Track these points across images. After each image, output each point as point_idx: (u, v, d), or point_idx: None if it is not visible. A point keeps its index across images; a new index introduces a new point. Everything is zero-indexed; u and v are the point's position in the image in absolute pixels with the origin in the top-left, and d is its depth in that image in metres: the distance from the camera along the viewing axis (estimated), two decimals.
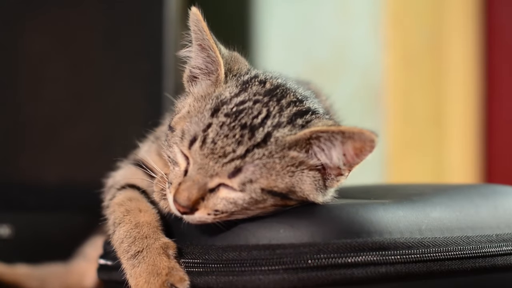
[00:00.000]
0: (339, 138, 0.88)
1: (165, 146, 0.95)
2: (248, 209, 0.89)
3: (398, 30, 2.31)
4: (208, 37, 0.94)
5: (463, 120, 2.42)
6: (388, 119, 2.30)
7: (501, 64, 2.47)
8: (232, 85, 0.94)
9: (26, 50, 1.64)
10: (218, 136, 0.88)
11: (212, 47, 0.94)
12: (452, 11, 2.38)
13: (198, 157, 0.88)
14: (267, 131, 0.89)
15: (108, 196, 1.04)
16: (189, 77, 0.98)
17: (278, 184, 0.88)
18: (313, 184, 0.90)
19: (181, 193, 0.88)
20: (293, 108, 0.92)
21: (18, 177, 1.63)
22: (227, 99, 0.91)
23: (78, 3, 1.68)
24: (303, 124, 0.91)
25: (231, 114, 0.89)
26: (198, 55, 0.97)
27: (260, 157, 0.87)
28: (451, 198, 1.01)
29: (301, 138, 0.89)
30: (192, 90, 0.97)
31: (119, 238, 0.95)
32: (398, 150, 2.31)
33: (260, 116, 0.89)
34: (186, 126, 0.91)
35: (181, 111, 0.95)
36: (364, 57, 2.32)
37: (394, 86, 2.31)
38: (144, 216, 0.96)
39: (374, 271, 0.88)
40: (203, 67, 0.97)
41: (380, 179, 2.27)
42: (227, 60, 0.96)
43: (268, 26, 2.34)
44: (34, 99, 1.65)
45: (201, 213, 0.89)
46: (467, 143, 2.42)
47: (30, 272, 1.39)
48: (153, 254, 0.91)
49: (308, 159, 0.90)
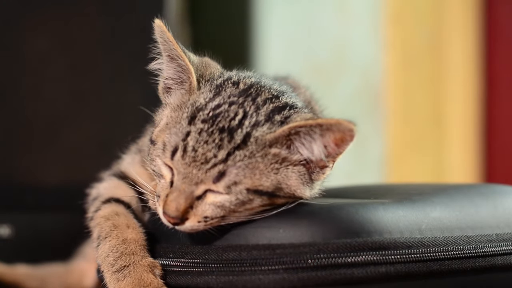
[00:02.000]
0: (317, 131, 0.88)
1: (148, 161, 0.95)
2: (236, 211, 0.89)
3: (398, 30, 2.31)
4: (175, 47, 0.94)
5: (463, 120, 2.42)
6: (388, 119, 2.30)
7: (501, 64, 2.47)
8: (206, 90, 0.94)
9: (26, 50, 1.64)
10: (198, 143, 0.88)
11: (180, 56, 0.94)
12: (452, 11, 2.38)
13: (181, 166, 0.88)
14: (246, 132, 0.89)
15: (93, 208, 1.03)
16: (164, 89, 0.98)
17: (263, 182, 0.88)
18: (299, 179, 0.91)
19: (169, 204, 0.88)
20: (270, 105, 0.92)
21: (18, 177, 1.64)
22: (202, 105, 0.91)
23: (78, 3, 1.68)
24: (281, 120, 0.90)
25: (208, 120, 0.89)
26: (169, 66, 0.97)
27: (242, 159, 0.87)
28: (451, 197, 1.01)
29: (281, 135, 0.89)
30: (168, 101, 0.97)
31: (104, 252, 0.94)
32: (398, 150, 2.31)
33: (237, 118, 0.89)
34: (166, 137, 0.91)
35: (160, 123, 0.95)
36: (364, 57, 2.32)
37: (394, 86, 2.31)
38: (132, 233, 0.96)
39: (374, 270, 0.88)
40: (175, 77, 0.97)
41: (380, 179, 2.27)
42: (197, 67, 0.96)
43: (268, 26, 2.34)
44: (34, 99, 1.65)
45: (191, 222, 0.89)
46: (467, 143, 2.42)
47: (30, 272, 1.39)
48: (140, 270, 0.91)
49: (291, 155, 0.90)
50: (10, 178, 1.63)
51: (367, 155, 2.30)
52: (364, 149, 2.30)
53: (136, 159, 1.05)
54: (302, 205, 0.92)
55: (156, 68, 0.98)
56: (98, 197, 1.04)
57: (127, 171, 1.05)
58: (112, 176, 1.07)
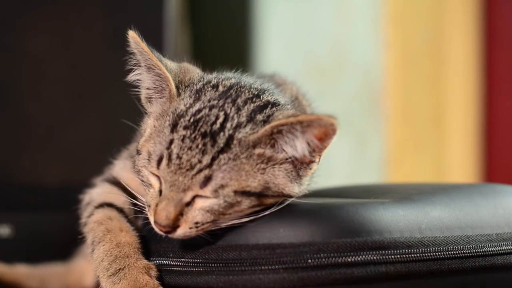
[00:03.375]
0: (299, 128, 0.88)
1: (136, 172, 0.95)
2: (225, 214, 0.89)
3: (398, 30, 2.31)
4: (151, 57, 0.94)
5: (463, 120, 2.42)
6: (388, 119, 2.30)
7: (501, 63, 2.47)
8: (186, 96, 0.94)
9: (26, 50, 1.64)
10: (182, 150, 0.88)
11: (157, 65, 0.94)
12: (452, 11, 2.38)
13: (168, 175, 0.88)
14: (229, 134, 0.88)
15: (86, 213, 1.03)
16: (146, 99, 0.98)
17: (250, 183, 0.88)
18: (287, 177, 0.91)
19: (159, 213, 0.88)
20: (251, 105, 0.92)
21: (18, 177, 1.64)
22: (183, 111, 0.91)
23: (78, 3, 1.68)
24: (264, 120, 0.90)
25: (189, 126, 0.89)
26: (147, 76, 0.96)
27: (227, 162, 0.87)
28: (451, 197, 1.01)
29: (264, 134, 0.89)
30: (151, 110, 0.97)
31: (98, 256, 0.95)
32: (398, 150, 2.31)
33: (218, 121, 0.89)
34: (151, 147, 0.91)
35: (145, 133, 0.95)
36: (364, 57, 2.31)
37: (394, 86, 2.31)
38: (126, 236, 0.96)
39: (374, 270, 0.88)
40: (154, 86, 0.96)
41: (380, 178, 2.26)
42: (176, 74, 0.96)
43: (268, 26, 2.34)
44: (34, 99, 1.65)
45: (183, 229, 0.89)
46: (467, 143, 2.42)
47: (30, 272, 1.39)
48: (135, 272, 0.91)
49: (276, 153, 0.90)
50: (10, 178, 1.63)
51: (367, 155, 2.30)
52: (364, 149, 2.30)
53: (127, 164, 1.05)
54: (302, 205, 0.92)
55: (135, 79, 0.98)
56: (91, 202, 1.04)
57: (119, 176, 1.05)
58: (104, 182, 1.07)
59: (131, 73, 0.97)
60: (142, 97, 0.99)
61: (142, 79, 0.97)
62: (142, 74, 0.97)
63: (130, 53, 0.96)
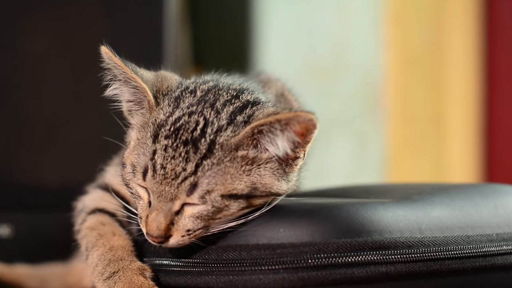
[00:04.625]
0: (278, 127, 0.88)
1: (124, 185, 0.95)
2: (215, 218, 0.89)
3: (398, 30, 2.31)
4: (125, 70, 0.93)
5: (463, 119, 2.42)
6: (388, 119, 2.30)
7: (502, 63, 2.47)
8: (165, 105, 0.93)
9: (26, 50, 1.64)
10: (166, 160, 0.87)
11: (132, 78, 0.94)
12: (452, 11, 2.38)
13: (154, 186, 0.88)
14: (210, 140, 0.88)
15: (79, 220, 1.04)
16: (127, 111, 0.98)
17: (237, 186, 0.88)
18: (273, 175, 0.90)
19: (150, 225, 0.88)
20: (230, 107, 0.91)
21: (18, 177, 1.63)
22: (163, 121, 0.91)
23: (78, 3, 1.68)
24: (245, 120, 0.90)
25: (170, 135, 0.89)
26: (124, 90, 0.96)
27: (211, 167, 0.87)
28: (451, 197, 1.01)
29: (245, 136, 0.89)
30: (133, 122, 0.97)
31: (93, 262, 0.95)
32: (398, 150, 2.31)
33: (198, 127, 0.89)
34: (135, 159, 0.91)
35: (129, 146, 0.95)
36: (364, 57, 2.32)
37: (394, 86, 2.31)
38: (119, 240, 0.96)
39: (374, 270, 0.88)
40: (133, 98, 0.96)
41: (380, 178, 2.27)
42: (153, 83, 0.95)
43: (268, 26, 2.34)
44: (34, 99, 1.65)
45: (175, 238, 0.89)
46: (467, 143, 2.42)
47: (30, 272, 1.39)
48: (130, 274, 0.92)
49: (260, 153, 0.90)
50: (10, 178, 1.63)
51: (367, 155, 2.30)
52: (364, 149, 2.30)
53: (119, 171, 1.05)
54: (302, 205, 0.92)
55: (113, 94, 0.97)
56: (84, 209, 1.05)
57: (110, 183, 1.05)
58: (96, 188, 1.07)
59: (108, 88, 0.97)
60: (124, 110, 0.98)
61: (120, 93, 0.97)
62: (119, 88, 0.96)
63: (104, 69, 0.95)
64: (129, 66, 0.94)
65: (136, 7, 1.68)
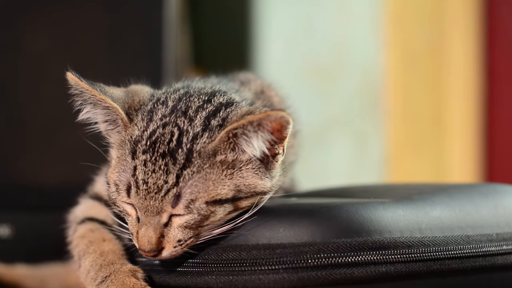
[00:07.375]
0: (251, 129, 0.87)
1: (112, 204, 0.95)
2: (203, 226, 0.89)
3: (398, 30, 2.31)
4: (93, 93, 0.93)
5: (463, 119, 2.42)
6: (388, 119, 2.30)
7: (502, 63, 2.47)
8: (138, 120, 0.93)
9: (26, 50, 1.64)
10: (147, 175, 0.87)
11: (102, 99, 0.93)
12: (452, 11, 2.38)
13: (139, 201, 0.88)
14: (187, 149, 0.88)
15: (71, 231, 1.04)
16: (105, 131, 0.98)
17: (220, 191, 0.88)
18: (256, 175, 0.90)
19: (141, 240, 0.88)
20: (202, 112, 0.91)
21: (18, 177, 1.63)
22: (138, 136, 0.91)
23: (78, 3, 1.68)
24: (220, 124, 0.90)
25: (148, 149, 0.89)
26: (97, 112, 0.96)
27: (192, 176, 0.87)
28: (451, 197, 1.01)
29: (220, 141, 0.88)
30: (112, 141, 0.97)
31: (85, 269, 0.95)
32: (398, 149, 2.31)
33: (174, 138, 0.89)
34: (117, 177, 0.91)
35: (111, 164, 0.95)
36: (364, 57, 2.32)
37: (394, 86, 2.31)
38: (109, 245, 0.97)
39: (374, 270, 0.88)
40: (107, 119, 0.96)
41: (380, 179, 2.27)
42: (124, 101, 0.95)
43: (268, 26, 2.34)
44: (34, 99, 1.65)
45: (168, 250, 0.89)
46: (467, 143, 2.42)
47: (30, 272, 1.39)
48: (121, 276, 0.92)
49: (239, 155, 0.89)
50: (10, 178, 1.63)
51: (367, 155, 2.30)
52: (364, 149, 2.30)
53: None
54: (302, 205, 0.92)
55: (87, 117, 0.97)
56: (75, 219, 1.05)
57: (100, 192, 1.05)
58: (87, 198, 1.07)
59: (81, 113, 0.96)
60: (102, 130, 0.98)
61: (93, 115, 0.96)
62: (91, 111, 0.96)
63: (73, 95, 0.95)
64: (97, 88, 0.94)
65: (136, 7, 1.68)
